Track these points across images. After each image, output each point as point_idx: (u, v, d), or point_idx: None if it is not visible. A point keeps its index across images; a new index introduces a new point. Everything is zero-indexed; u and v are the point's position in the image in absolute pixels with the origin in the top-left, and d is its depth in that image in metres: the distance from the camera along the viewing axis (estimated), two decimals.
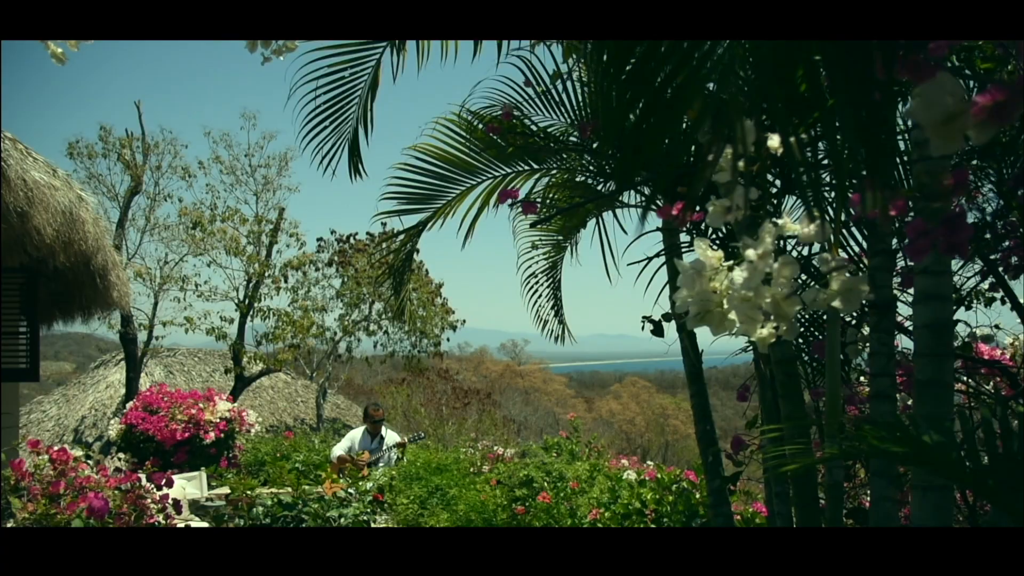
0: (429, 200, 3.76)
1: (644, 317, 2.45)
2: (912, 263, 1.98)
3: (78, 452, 2.92)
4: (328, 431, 10.89)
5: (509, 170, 3.69)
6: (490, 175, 3.70)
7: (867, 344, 2.47)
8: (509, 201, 3.72)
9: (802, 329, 2.80)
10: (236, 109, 14.82)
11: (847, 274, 1.05)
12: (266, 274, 12.56)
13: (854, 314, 2.65)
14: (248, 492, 3.45)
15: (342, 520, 3.48)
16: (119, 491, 2.77)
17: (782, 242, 2.18)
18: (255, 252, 12.54)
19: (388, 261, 3.76)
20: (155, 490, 2.84)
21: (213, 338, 12.20)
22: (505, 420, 19.30)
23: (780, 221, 1.11)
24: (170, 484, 3.04)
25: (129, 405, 7.36)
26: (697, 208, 1.10)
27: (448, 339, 14.25)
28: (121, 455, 7.02)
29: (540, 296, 4.51)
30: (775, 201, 2.25)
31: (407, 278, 3.84)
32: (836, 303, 1.02)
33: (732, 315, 1.03)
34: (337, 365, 14.36)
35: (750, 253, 0.98)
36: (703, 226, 2.52)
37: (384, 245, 3.68)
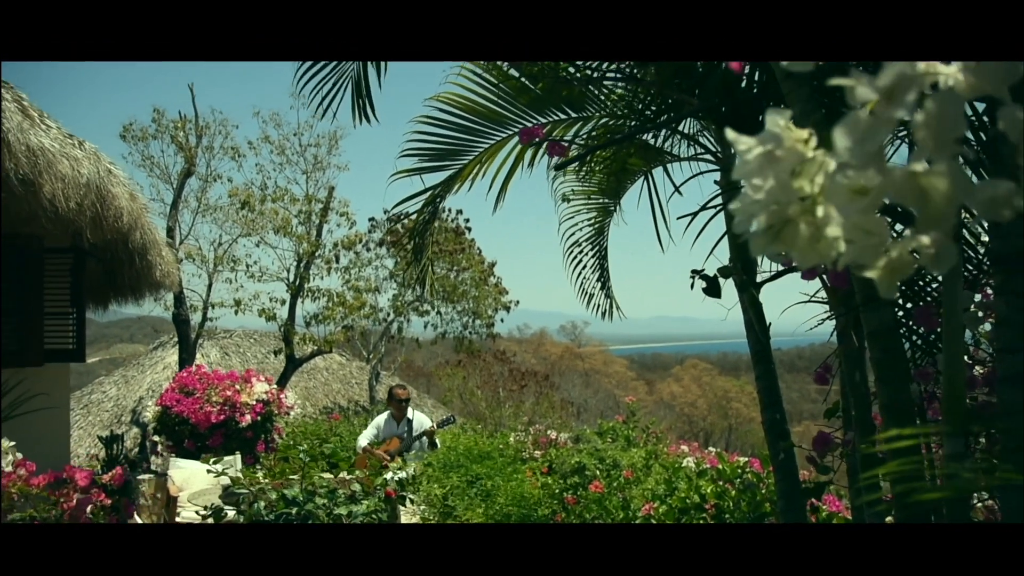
0: (454, 156, 3.32)
1: (694, 271, 1.94)
2: None
3: (6, 443, 2.59)
4: (376, 414, 10.62)
5: (544, 120, 3.23)
6: (523, 126, 3.24)
7: (987, 312, 1.94)
8: (550, 160, 3.27)
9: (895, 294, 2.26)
10: (285, 88, 14.59)
11: None
12: (316, 254, 12.37)
13: (967, 273, 2.11)
14: (251, 484, 3.11)
15: (353, 519, 3.10)
16: (44, 493, 2.43)
17: None
18: (305, 232, 12.36)
19: (410, 224, 3.34)
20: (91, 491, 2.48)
21: (264, 319, 12.08)
22: (564, 403, 18.88)
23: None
24: (117, 480, 2.69)
25: (165, 387, 7.19)
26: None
27: (503, 320, 13.86)
28: (157, 437, 6.86)
29: (584, 267, 4.04)
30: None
31: (428, 244, 3.41)
32: None
33: (833, 226, 0.55)
34: (392, 346, 14.13)
35: (864, 92, 0.50)
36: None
37: (401, 208, 3.26)
